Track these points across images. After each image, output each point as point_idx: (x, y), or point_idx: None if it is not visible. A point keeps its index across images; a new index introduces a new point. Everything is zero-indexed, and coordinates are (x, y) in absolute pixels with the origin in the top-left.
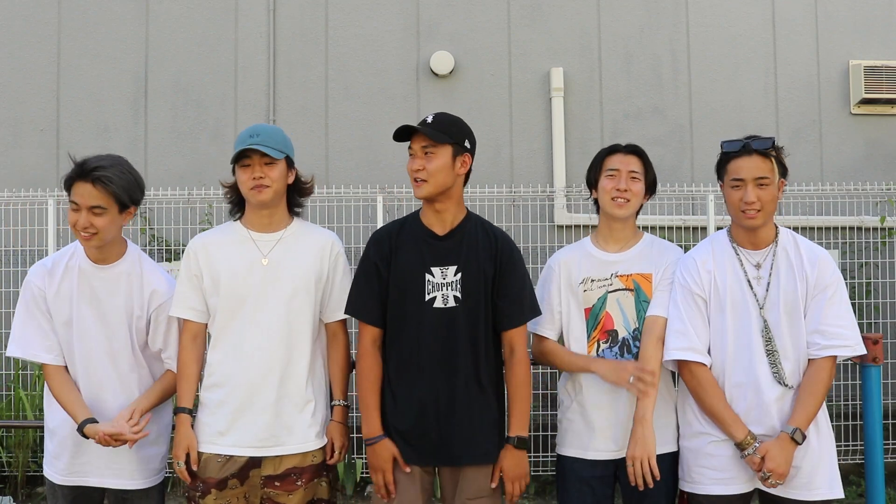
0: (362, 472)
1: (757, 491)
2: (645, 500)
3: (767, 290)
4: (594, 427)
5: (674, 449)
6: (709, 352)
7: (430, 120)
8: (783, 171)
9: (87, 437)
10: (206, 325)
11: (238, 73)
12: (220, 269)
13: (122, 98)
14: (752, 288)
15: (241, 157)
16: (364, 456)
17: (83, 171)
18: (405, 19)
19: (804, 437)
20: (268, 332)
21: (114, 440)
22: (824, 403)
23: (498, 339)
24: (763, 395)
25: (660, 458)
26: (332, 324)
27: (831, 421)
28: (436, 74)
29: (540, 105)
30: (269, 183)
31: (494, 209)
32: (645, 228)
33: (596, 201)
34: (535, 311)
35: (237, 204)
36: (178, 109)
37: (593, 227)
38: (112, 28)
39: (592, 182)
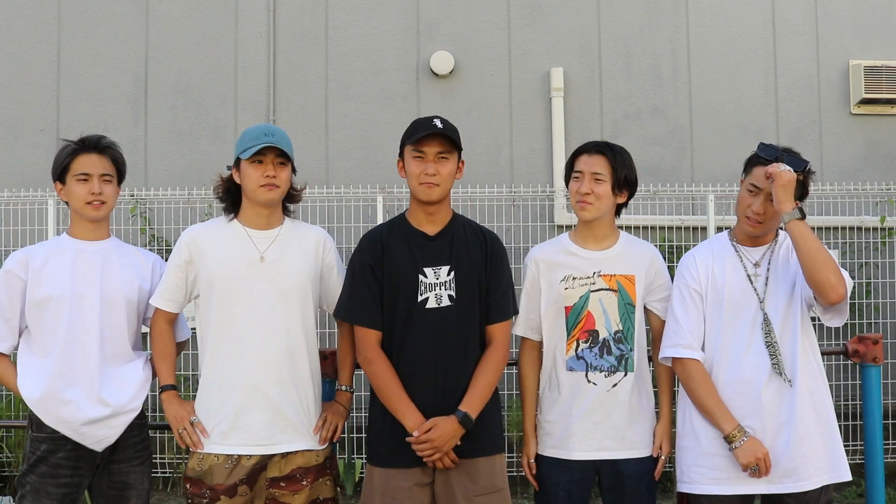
0: (361, 472)
1: (762, 495)
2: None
3: (766, 285)
4: (573, 427)
5: (651, 453)
6: (704, 347)
7: (440, 125)
8: (802, 194)
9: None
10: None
11: (238, 73)
12: (214, 265)
13: (122, 98)
14: (752, 283)
15: (257, 153)
16: (364, 456)
17: (89, 144)
18: (405, 19)
19: (803, 215)
20: (267, 329)
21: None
22: (829, 398)
23: None
24: (760, 387)
25: (641, 461)
26: None
27: None
28: (436, 74)
29: (540, 105)
30: (279, 183)
31: (494, 209)
32: (645, 228)
33: None
34: (517, 309)
35: (231, 202)
36: (178, 109)
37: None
38: (112, 28)
39: (567, 183)
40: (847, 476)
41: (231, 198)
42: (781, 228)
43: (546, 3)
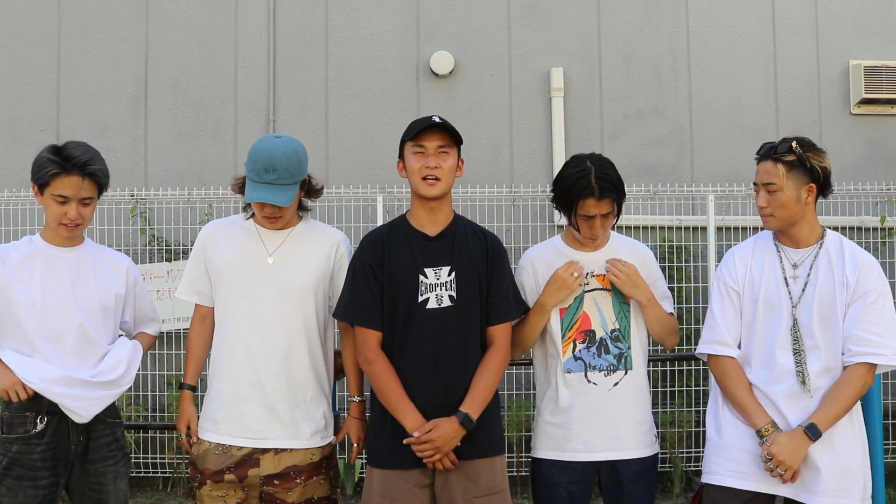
0: (362, 472)
1: (784, 498)
2: (625, 503)
3: (804, 290)
4: (574, 429)
5: (653, 452)
6: (739, 344)
7: (438, 121)
8: (813, 177)
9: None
10: (214, 308)
11: (238, 73)
12: (222, 260)
13: (122, 98)
14: (787, 286)
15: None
16: (364, 456)
17: (73, 165)
18: (405, 19)
19: (819, 435)
20: (266, 326)
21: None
22: (860, 424)
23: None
24: (781, 393)
25: (638, 461)
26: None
27: None
28: (436, 74)
29: (540, 105)
30: (281, 214)
31: (494, 209)
32: (645, 228)
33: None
34: (520, 308)
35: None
36: (178, 109)
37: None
38: (112, 28)
39: (562, 208)
40: None
41: None
42: (759, 229)
43: (546, 3)
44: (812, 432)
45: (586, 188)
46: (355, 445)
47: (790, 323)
